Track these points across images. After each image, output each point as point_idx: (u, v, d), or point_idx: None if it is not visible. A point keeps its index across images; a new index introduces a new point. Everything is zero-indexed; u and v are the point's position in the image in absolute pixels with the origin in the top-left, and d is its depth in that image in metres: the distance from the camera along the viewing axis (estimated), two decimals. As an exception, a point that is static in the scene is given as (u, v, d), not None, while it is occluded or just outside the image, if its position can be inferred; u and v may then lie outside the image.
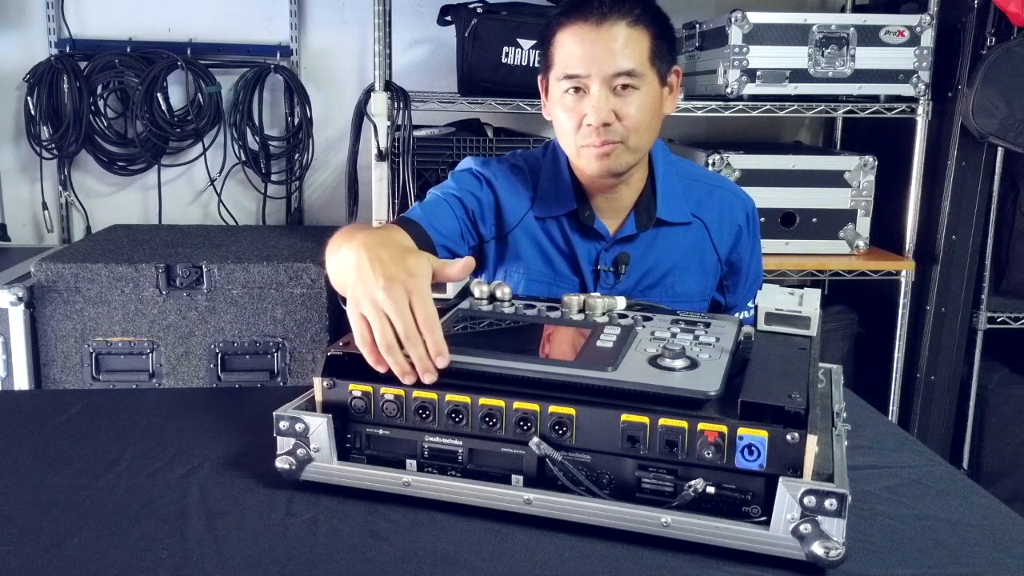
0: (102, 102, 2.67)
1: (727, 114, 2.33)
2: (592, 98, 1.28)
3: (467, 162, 1.49)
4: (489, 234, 1.45)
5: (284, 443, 0.92)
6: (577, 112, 1.30)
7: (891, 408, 2.48)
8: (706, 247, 1.46)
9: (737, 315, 1.51)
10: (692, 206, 1.45)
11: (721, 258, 1.47)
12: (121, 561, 0.79)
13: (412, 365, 0.90)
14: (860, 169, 2.36)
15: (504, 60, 2.30)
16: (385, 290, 0.93)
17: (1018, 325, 2.51)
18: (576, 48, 1.29)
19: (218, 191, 2.80)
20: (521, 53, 2.29)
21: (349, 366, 0.93)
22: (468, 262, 1.04)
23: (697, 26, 2.49)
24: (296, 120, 2.76)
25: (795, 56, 2.28)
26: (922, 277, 2.46)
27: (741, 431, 0.80)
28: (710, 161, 2.31)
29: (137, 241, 2.43)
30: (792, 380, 0.85)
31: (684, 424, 0.82)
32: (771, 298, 1.00)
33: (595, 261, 1.43)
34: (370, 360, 0.92)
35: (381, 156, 2.24)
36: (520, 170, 1.46)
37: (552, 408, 0.86)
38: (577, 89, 1.30)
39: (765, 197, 2.33)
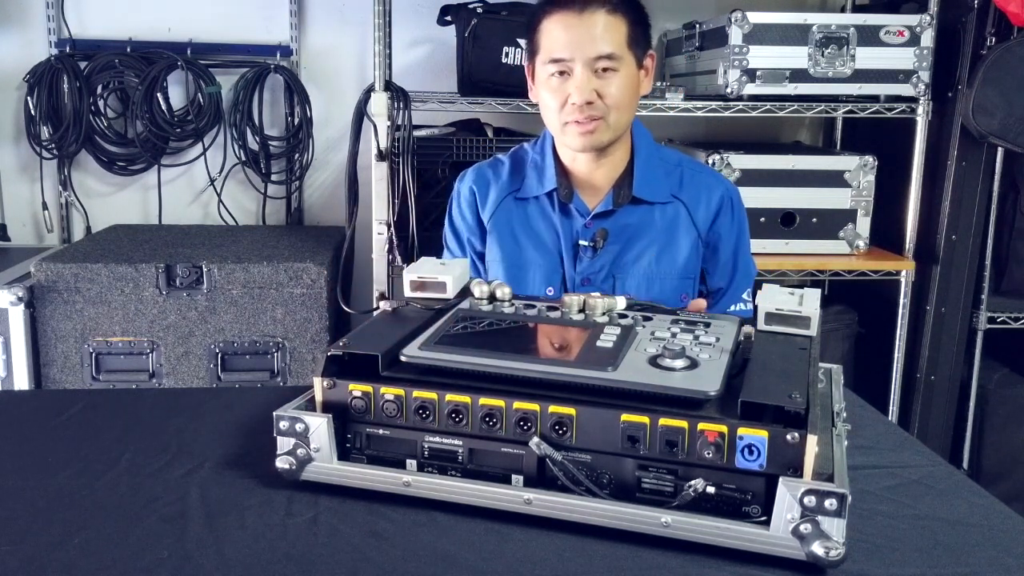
0: (102, 102, 2.67)
1: (727, 114, 2.33)
2: (576, 79, 1.41)
3: (456, 184, 1.62)
4: (482, 240, 1.59)
5: (284, 443, 0.92)
6: (562, 92, 1.42)
7: (891, 408, 2.48)
8: (687, 225, 1.52)
9: (732, 307, 1.53)
10: (672, 187, 1.53)
11: (701, 234, 1.53)
12: (121, 561, 0.79)
13: None
14: (860, 169, 2.36)
15: (504, 60, 2.30)
16: None
17: (1018, 325, 2.50)
18: (561, 34, 1.41)
19: (218, 191, 2.80)
20: (521, 53, 2.29)
21: (349, 366, 0.93)
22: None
23: (697, 26, 2.49)
24: (296, 120, 2.76)
25: (795, 56, 2.28)
26: (922, 277, 2.45)
27: (741, 431, 0.80)
28: (710, 161, 2.30)
29: (137, 241, 2.43)
30: (792, 380, 0.85)
31: (684, 424, 0.82)
32: (771, 298, 0.99)
33: (575, 236, 1.51)
34: None
35: (381, 156, 2.24)
36: (500, 163, 1.60)
37: (552, 408, 0.86)
38: (562, 72, 1.42)
39: (765, 197, 2.34)
